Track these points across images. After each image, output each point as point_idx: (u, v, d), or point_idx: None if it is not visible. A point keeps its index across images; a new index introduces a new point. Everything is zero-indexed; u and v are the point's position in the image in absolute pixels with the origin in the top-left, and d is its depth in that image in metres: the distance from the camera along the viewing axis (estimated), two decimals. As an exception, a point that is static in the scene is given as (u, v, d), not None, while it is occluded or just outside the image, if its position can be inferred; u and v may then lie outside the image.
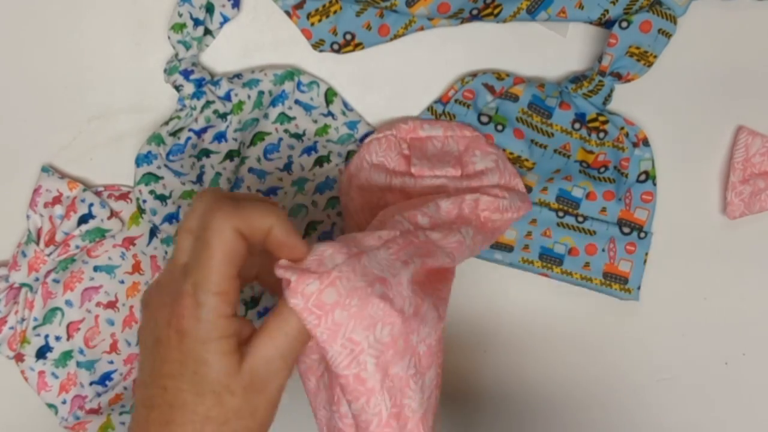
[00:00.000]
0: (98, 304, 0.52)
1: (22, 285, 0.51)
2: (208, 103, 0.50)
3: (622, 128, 0.52)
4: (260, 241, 0.36)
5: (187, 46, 0.50)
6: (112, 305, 0.52)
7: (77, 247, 0.50)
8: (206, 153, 0.51)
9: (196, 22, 0.50)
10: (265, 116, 0.52)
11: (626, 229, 0.53)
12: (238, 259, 0.35)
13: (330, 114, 0.52)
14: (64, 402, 0.52)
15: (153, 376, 0.36)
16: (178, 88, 0.50)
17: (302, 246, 0.37)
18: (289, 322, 0.36)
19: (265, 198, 0.37)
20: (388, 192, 0.50)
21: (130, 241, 0.52)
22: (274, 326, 0.36)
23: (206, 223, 0.35)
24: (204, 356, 0.35)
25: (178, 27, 0.50)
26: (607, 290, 0.53)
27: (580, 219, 0.52)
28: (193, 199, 0.38)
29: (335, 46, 0.51)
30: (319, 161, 0.52)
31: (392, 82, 0.53)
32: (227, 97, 0.51)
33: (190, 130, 0.51)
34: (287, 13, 0.51)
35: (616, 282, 0.53)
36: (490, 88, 0.52)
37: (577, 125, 0.52)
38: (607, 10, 0.50)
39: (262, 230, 0.36)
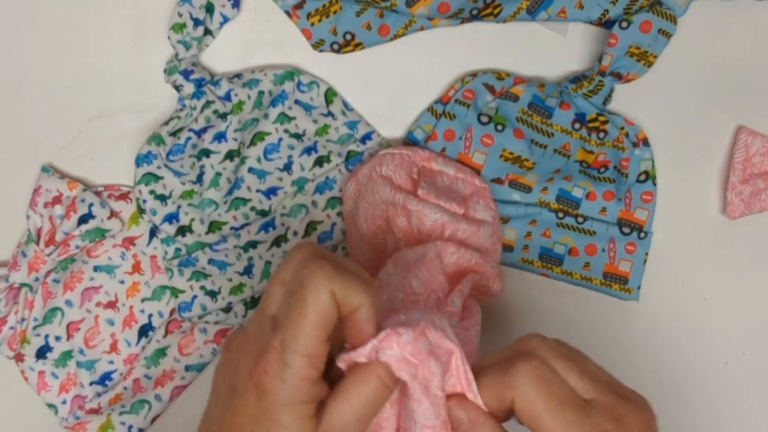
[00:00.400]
0: (98, 304, 0.52)
1: (22, 285, 0.51)
2: (208, 103, 0.50)
3: (622, 128, 0.52)
4: (344, 315, 0.34)
5: (187, 46, 0.50)
6: (112, 305, 0.52)
7: (77, 247, 0.50)
8: (206, 153, 0.51)
9: (196, 22, 0.50)
10: (265, 116, 0.52)
11: (626, 229, 0.53)
12: (330, 325, 0.33)
13: (330, 114, 0.52)
14: (64, 402, 0.52)
15: (221, 426, 0.34)
16: (178, 88, 0.50)
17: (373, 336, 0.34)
18: (369, 383, 0.34)
19: (362, 269, 0.35)
20: (392, 207, 0.49)
21: (130, 241, 0.52)
22: (352, 388, 0.34)
23: (304, 280, 0.33)
24: (281, 419, 0.33)
25: (178, 27, 0.50)
26: (607, 290, 0.53)
27: (580, 219, 0.52)
28: (291, 249, 0.36)
29: (335, 46, 0.51)
30: (319, 161, 0.52)
31: (392, 82, 0.53)
32: (227, 97, 0.51)
33: (190, 130, 0.51)
34: (287, 13, 0.51)
35: (616, 282, 0.53)
36: (490, 88, 0.52)
37: (577, 125, 0.52)
38: (607, 10, 0.50)
39: (352, 305, 0.33)
